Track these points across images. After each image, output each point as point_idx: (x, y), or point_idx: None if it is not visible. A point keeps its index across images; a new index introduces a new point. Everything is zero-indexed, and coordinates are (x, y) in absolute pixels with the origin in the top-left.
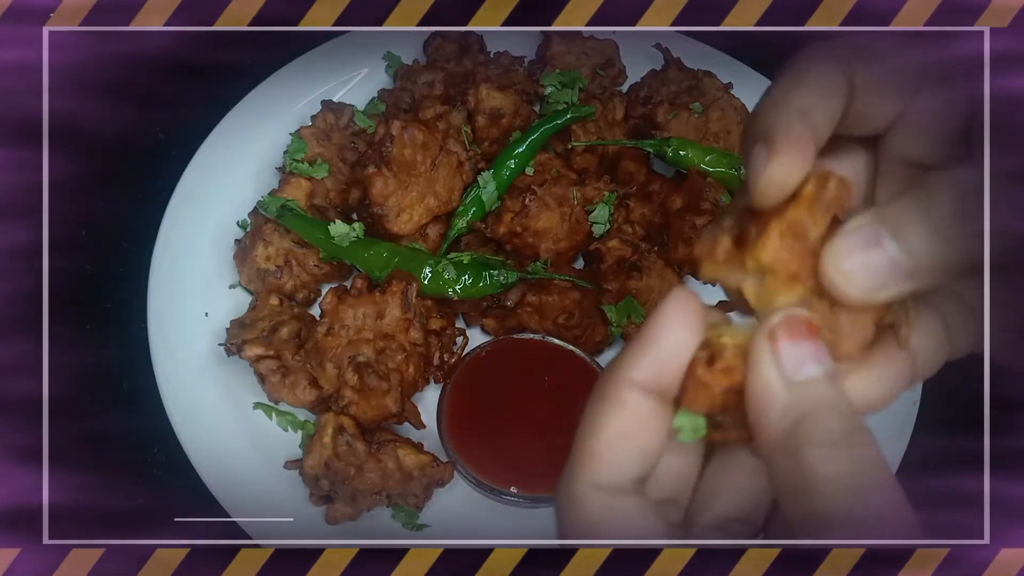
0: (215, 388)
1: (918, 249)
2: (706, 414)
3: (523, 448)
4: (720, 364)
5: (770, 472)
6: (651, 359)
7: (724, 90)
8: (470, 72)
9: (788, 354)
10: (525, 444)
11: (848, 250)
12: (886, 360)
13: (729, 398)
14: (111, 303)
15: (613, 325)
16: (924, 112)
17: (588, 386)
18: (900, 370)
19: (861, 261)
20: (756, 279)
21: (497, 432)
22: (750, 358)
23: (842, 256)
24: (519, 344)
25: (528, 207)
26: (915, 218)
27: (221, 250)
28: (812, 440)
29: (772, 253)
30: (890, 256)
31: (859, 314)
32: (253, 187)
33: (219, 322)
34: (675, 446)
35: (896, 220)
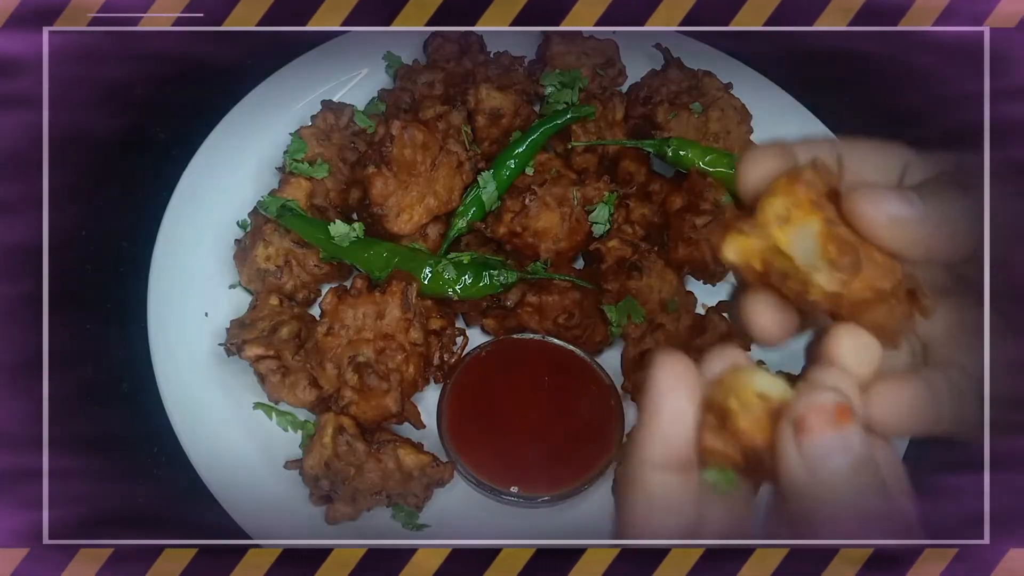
0: (215, 388)
1: (944, 215)
2: (733, 467)
3: (523, 448)
4: (731, 428)
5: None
6: (659, 437)
7: (724, 90)
8: (470, 72)
9: (814, 448)
10: (525, 444)
11: (882, 197)
12: (909, 383)
13: (750, 453)
14: (111, 303)
15: (613, 325)
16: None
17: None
18: (922, 393)
19: (895, 208)
20: (779, 228)
21: (497, 432)
22: (776, 447)
23: (876, 200)
24: (519, 344)
25: (528, 207)
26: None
27: (221, 250)
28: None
29: (781, 200)
30: (920, 214)
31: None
32: (253, 187)
33: (219, 322)
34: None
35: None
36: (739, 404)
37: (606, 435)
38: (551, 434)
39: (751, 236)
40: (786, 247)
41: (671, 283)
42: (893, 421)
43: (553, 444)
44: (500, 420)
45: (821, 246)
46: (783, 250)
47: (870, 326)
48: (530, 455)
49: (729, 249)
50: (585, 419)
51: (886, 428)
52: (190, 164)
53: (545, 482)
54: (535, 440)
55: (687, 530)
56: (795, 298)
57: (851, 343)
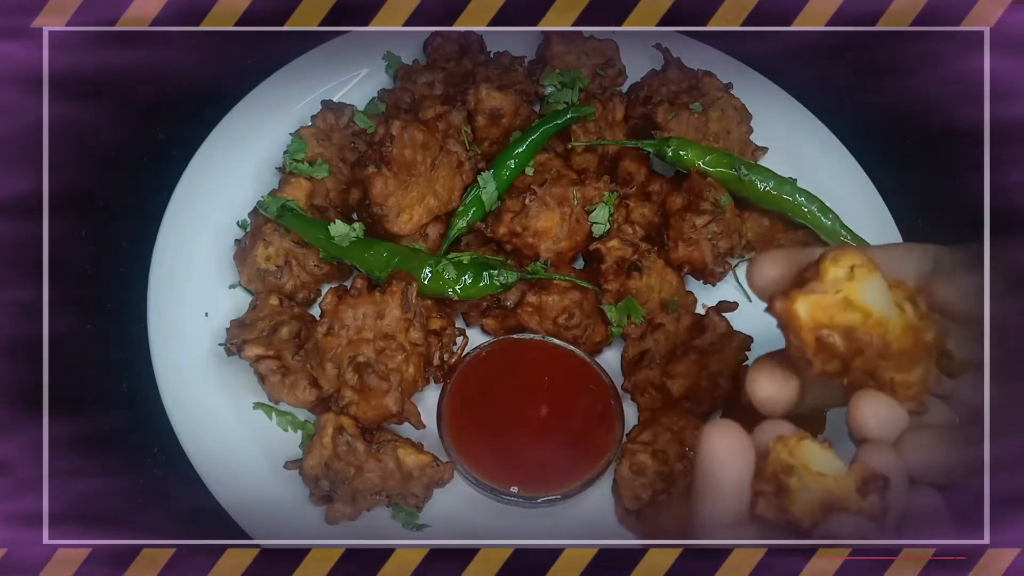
0: (215, 388)
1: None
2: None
3: (523, 448)
4: (787, 502)
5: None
6: (718, 508)
7: (724, 90)
8: (470, 72)
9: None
10: (525, 444)
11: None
12: (941, 432)
13: (795, 524)
14: (111, 303)
15: (613, 325)
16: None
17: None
18: (957, 440)
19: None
20: (848, 283)
21: (497, 432)
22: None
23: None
24: (519, 344)
25: (528, 207)
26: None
27: (221, 250)
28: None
29: (843, 261)
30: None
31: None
32: (253, 187)
33: (219, 322)
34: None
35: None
36: (799, 481)
37: (606, 435)
38: (551, 434)
39: (820, 293)
40: (858, 298)
41: (671, 283)
42: (931, 470)
43: (553, 444)
44: (500, 420)
45: (891, 292)
46: (855, 301)
47: (909, 383)
48: (530, 455)
49: (800, 306)
50: (585, 419)
51: (924, 476)
52: (190, 164)
53: (545, 482)
54: (535, 440)
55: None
56: (861, 360)
57: (874, 410)
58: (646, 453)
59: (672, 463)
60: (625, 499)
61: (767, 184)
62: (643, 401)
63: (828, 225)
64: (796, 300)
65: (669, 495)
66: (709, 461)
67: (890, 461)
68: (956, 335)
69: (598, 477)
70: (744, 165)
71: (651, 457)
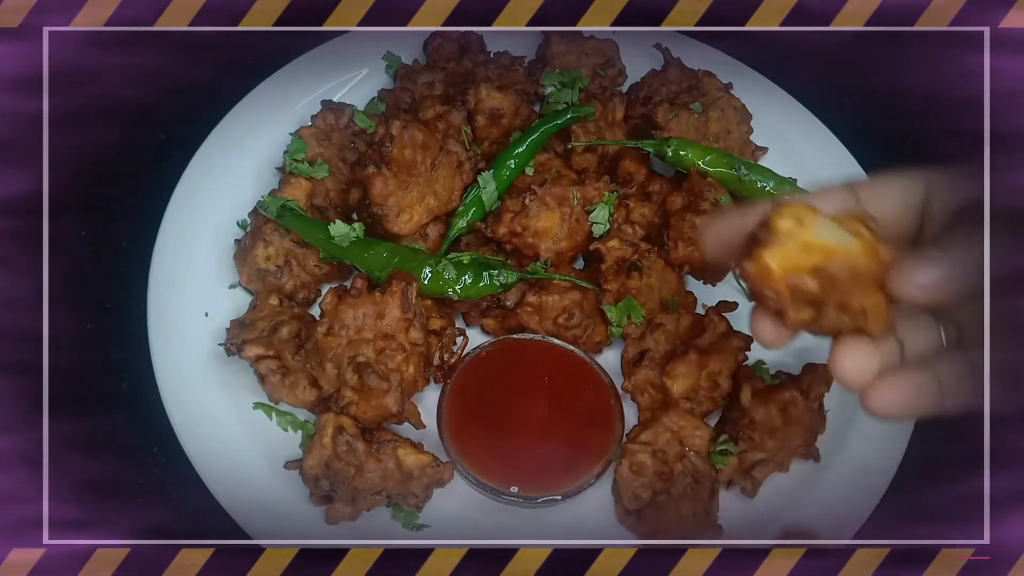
0: (215, 388)
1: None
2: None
3: (523, 448)
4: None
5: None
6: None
7: (724, 90)
8: (470, 72)
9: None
10: (525, 444)
11: (910, 270)
12: (913, 375)
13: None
14: (111, 303)
15: (613, 325)
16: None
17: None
18: (925, 386)
19: (923, 277)
20: (801, 230)
21: (497, 432)
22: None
23: (905, 274)
24: (519, 344)
25: (528, 207)
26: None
27: (221, 250)
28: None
29: (788, 212)
30: (947, 272)
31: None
32: (253, 187)
33: (219, 322)
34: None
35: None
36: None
37: (606, 435)
38: (551, 434)
39: (783, 246)
40: (814, 239)
41: (671, 283)
42: (893, 412)
43: (553, 444)
44: (500, 420)
45: (842, 225)
46: (813, 243)
47: (877, 307)
48: (530, 455)
49: (771, 261)
50: (585, 419)
51: (888, 417)
52: (190, 164)
53: (545, 482)
54: (535, 440)
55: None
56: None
57: (852, 355)
58: (646, 453)
59: (672, 463)
60: (625, 499)
61: (767, 184)
62: (643, 401)
63: None
64: (764, 257)
65: (669, 495)
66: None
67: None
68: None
69: (598, 477)
70: (744, 165)
71: (651, 457)
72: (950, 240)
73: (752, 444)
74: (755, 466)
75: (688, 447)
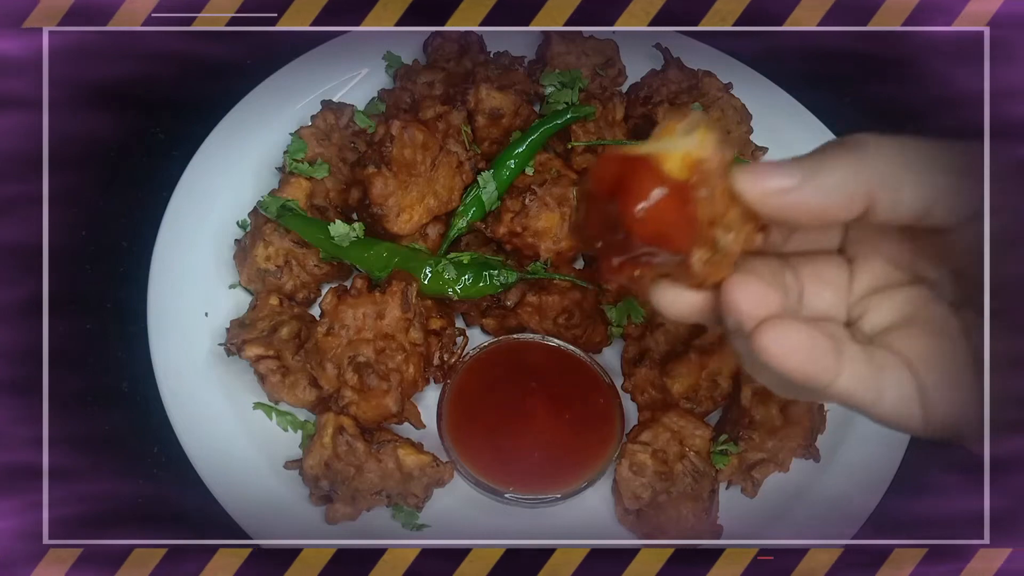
0: (215, 388)
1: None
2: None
3: (523, 448)
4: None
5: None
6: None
7: (724, 90)
8: (470, 72)
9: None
10: (525, 444)
11: (759, 173)
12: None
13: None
14: (111, 303)
15: (613, 325)
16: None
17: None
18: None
19: (772, 182)
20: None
21: (497, 432)
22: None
23: (753, 176)
24: (519, 344)
25: (528, 207)
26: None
27: (221, 250)
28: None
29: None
30: (796, 182)
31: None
32: (253, 187)
33: (219, 322)
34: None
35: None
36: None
37: (606, 435)
38: (551, 434)
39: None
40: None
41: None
42: (786, 356)
43: (553, 444)
44: (500, 420)
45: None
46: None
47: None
48: (530, 455)
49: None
50: (585, 419)
51: (775, 359)
52: (190, 164)
53: (545, 482)
54: (535, 440)
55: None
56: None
57: (748, 289)
58: (646, 453)
59: (672, 463)
60: (625, 499)
61: None
62: (643, 401)
63: None
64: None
65: (669, 495)
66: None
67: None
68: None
69: (598, 477)
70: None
71: (651, 457)
72: (807, 158)
73: (752, 444)
74: (755, 466)
75: (688, 447)
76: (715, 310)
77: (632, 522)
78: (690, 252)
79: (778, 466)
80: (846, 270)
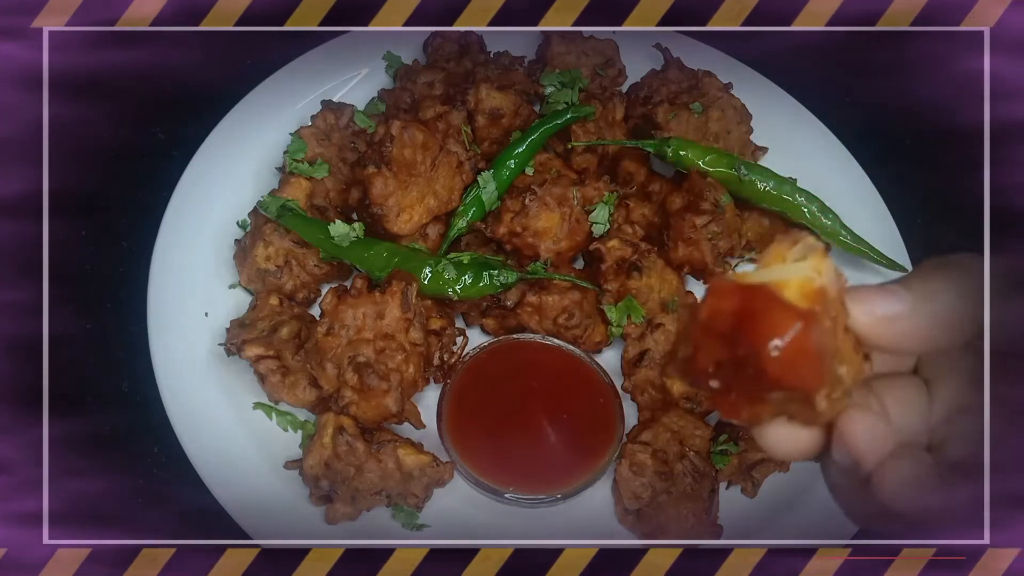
0: (215, 388)
1: (935, 304)
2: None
3: (523, 448)
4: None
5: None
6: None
7: (724, 90)
8: (470, 72)
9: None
10: (525, 444)
11: (867, 296)
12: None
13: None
14: (111, 303)
15: (613, 325)
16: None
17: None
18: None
19: (882, 306)
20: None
21: (497, 432)
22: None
23: (862, 300)
24: (519, 344)
25: (528, 207)
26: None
27: (221, 250)
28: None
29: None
30: (908, 307)
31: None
32: (253, 187)
33: (219, 322)
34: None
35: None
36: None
37: (606, 435)
38: (551, 434)
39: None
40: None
41: (671, 283)
42: (905, 498)
43: (553, 444)
44: (500, 420)
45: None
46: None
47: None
48: (530, 455)
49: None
50: (585, 419)
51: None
52: (190, 164)
53: (545, 482)
54: (535, 440)
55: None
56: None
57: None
58: (646, 453)
59: (672, 463)
60: (625, 499)
61: (767, 184)
62: (643, 401)
63: (828, 225)
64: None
65: (669, 495)
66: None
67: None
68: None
69: (598, 477)
70: (744, 165)
71: (651, 457)
72: (915, 280)
73: (752, 444)
74: (755, 466)
75: (688, 447)
76: (820, 447)
77: (632, 522)
78: (818, 390)
79: (778, 466)
80: (925, 391)
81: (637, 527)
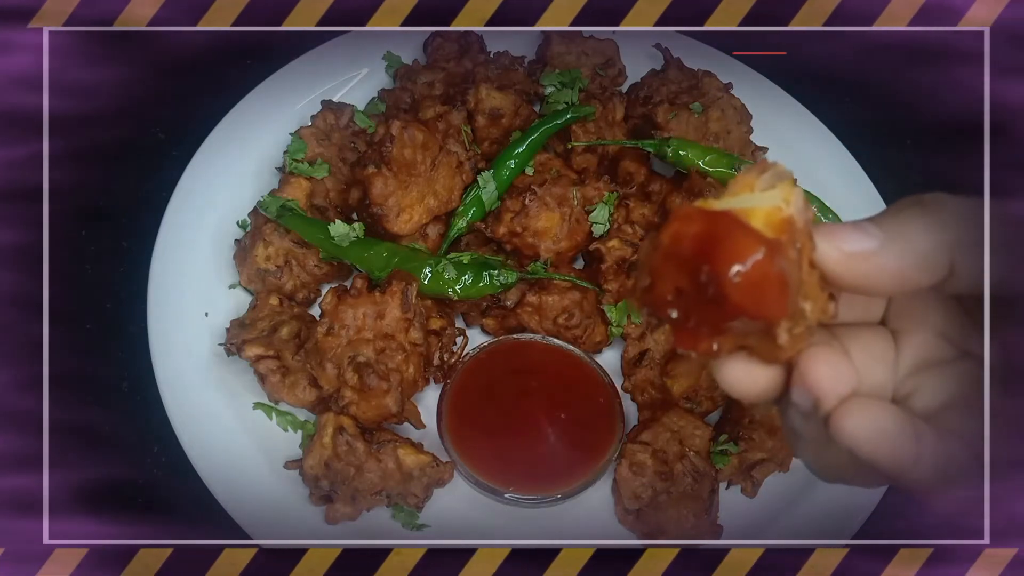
0: (215, 388)
1: (907, 241)
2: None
3: (523, 448)
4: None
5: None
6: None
7: (724, 90)
8: (470, 72)
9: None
10: (525, 444)
11: (836, 233)
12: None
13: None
14: (111, 303)
15: (613, 325)
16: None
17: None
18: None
19: (851, 243)
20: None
21: (497, 432)
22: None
23: (830, 236)
24: (519, 344)
25: (528, 207)
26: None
27: (221, 250)
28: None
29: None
30: (878, 244)
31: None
32: (253, 187)
33: (219, 322)
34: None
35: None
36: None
37: (606, 435)
38: (551, 434)
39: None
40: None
41: None
42: (867, 441)
43: (553, 444)
44: (500, 420)
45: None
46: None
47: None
48: (530, 455)
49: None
50: (584, 419)
51: (860, 446)
52: (190, 164)
53: (545, 482)
54: (535, 440)
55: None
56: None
57: (827, 365)
58: (646, 453)
59: (672, 463)
60: (625, 499)
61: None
62: (643, 401)
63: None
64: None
65: (669, 495)
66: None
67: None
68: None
69: (598, 477)
70: (744, 165)
71: (651, 457)
72: (887, 218)
73: (752, 444)
74: (755, 466)
75: (688, 447)
76: (780, 388)
77: (632, 522)
78: (779, 321)
79: (778, 466)
80: (892, 343)
81: (637, 527)
